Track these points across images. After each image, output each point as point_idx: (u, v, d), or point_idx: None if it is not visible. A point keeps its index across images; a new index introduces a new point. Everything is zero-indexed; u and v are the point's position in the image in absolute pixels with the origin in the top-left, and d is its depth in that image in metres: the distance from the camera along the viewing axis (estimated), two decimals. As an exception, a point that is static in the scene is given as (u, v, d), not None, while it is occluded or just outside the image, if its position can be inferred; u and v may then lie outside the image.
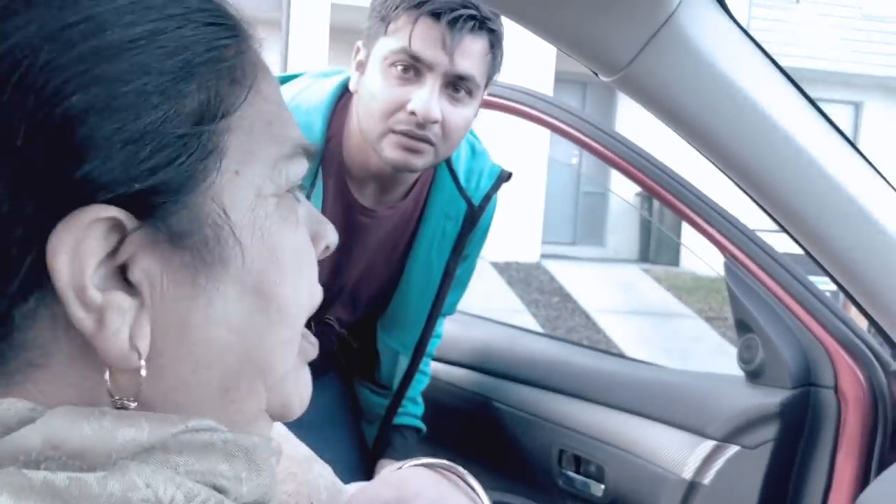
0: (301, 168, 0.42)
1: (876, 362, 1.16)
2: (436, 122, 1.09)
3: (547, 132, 2.89)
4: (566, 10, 0.75)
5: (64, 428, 0.33)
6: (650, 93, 0.82)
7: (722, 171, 0.88)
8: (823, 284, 1.19)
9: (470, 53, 1.09)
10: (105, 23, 0.34)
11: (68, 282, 0.33)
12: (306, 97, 1.20)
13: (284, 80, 1.29)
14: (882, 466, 1.12)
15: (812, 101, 0.87)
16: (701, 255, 1.56)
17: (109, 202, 0.34)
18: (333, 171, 1.21)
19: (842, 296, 0.99)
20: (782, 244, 1.19)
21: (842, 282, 0.96)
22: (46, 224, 0.33)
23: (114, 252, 0.35)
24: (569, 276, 9.03)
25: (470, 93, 1.12)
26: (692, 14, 0.77)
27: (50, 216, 0.33)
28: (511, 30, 1.15)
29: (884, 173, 0.91)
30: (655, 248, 10.51)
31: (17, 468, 0.32)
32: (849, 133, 12.29)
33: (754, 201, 0.92)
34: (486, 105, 1.35)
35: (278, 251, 0.40)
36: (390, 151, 1.11)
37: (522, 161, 8.32)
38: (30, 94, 0.32)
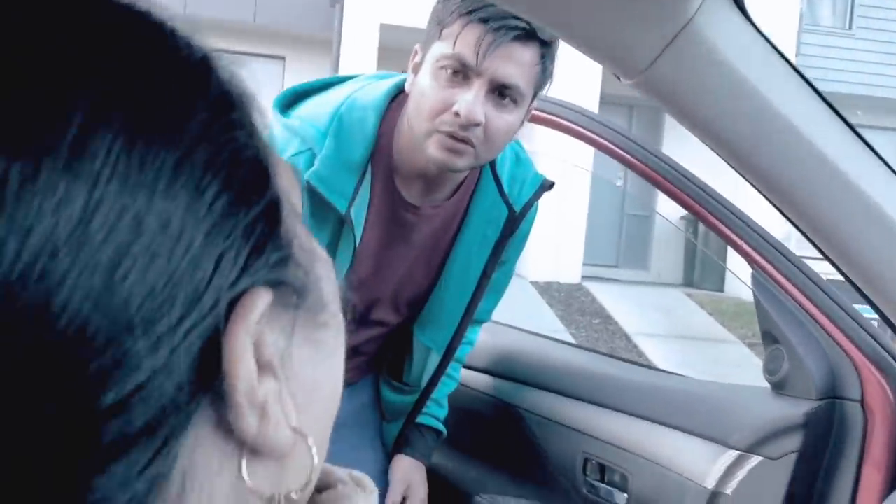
0: None
1: (904, 377, 1.15)
2: (478, 124, 1.12)
3: (591, 153, 2.88)
4: (586, 14, 0.78)
5: None
6: (669, 95, 0.84)
7: (740, 173, 0.89)
8: (866, 314, 1.17)
9: (517, 62, 1.11)
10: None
11: (243, 389, 0.28)
12: (362, 95, 1.25)
13: (341, 80, 1.33)
14: (909, 482, 1.11)
15: (836, 110, 0.88)
16: (744, 279, 1.55)
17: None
18: (382, 167, 1.25)
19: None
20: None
21: (869, 295, 0.96)
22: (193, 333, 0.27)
23: None
24: (610, 298, 8.96)
25: (515, 101, 1.15)
26: (711, 19, 0.78)
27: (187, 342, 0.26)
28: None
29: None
30: (700, 273, 10.36)
31: None
32: (902, 160, 12.01)
33: (775, 206, 0.93)
34: (532, 119, 1.36)
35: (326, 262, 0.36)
36: (433, 150, 1.15)
37: (565, 180, 8.31)
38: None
